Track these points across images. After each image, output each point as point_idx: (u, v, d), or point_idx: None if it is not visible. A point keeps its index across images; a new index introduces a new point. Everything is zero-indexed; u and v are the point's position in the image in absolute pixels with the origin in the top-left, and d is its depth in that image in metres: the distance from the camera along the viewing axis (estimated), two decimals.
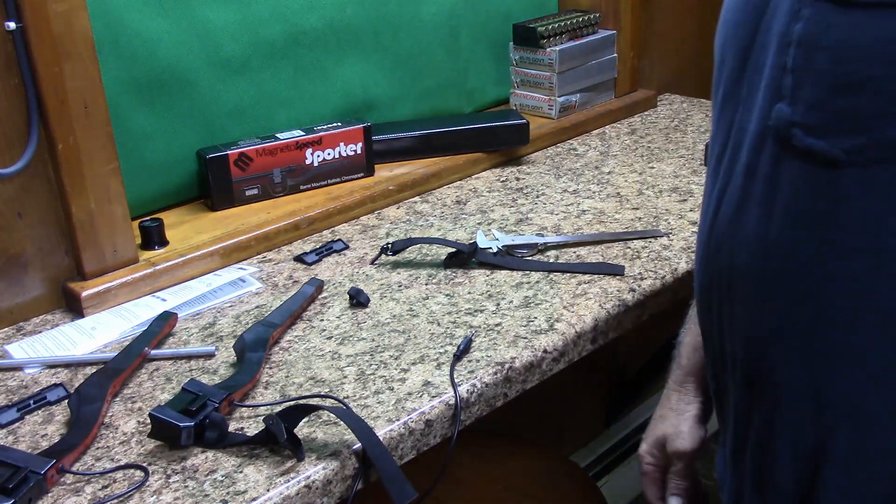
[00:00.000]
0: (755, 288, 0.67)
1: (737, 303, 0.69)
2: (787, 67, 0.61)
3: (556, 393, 1.78)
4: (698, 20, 1.85)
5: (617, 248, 1.12)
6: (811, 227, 0.62)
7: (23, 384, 0.91)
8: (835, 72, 0.58)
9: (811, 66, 0.59)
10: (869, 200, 0.59)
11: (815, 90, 0.59)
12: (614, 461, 1.96)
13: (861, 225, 0.60)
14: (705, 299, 0.74)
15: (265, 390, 0.87)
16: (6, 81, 0.95)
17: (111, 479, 0.76)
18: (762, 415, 0.70)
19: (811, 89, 0.60)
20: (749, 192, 0.66)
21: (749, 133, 0.66)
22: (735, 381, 0.72)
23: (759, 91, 0.64)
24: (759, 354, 0.68)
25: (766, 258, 0.65)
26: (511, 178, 1.37)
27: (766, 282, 0.66)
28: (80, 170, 1.00)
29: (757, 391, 0.70)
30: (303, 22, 1.28)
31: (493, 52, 1.56)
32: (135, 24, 1.12)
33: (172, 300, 1.04)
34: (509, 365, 0.89)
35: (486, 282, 1.05)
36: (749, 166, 0.66)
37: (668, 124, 1.59)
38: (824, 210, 0.61)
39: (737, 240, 0.67)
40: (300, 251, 1.16)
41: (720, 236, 0.69)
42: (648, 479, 0.93)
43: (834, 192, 0.60)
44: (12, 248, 1.00)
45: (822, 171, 0.60)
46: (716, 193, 0.70)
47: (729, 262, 0.69)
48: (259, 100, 1.27)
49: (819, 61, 0.59)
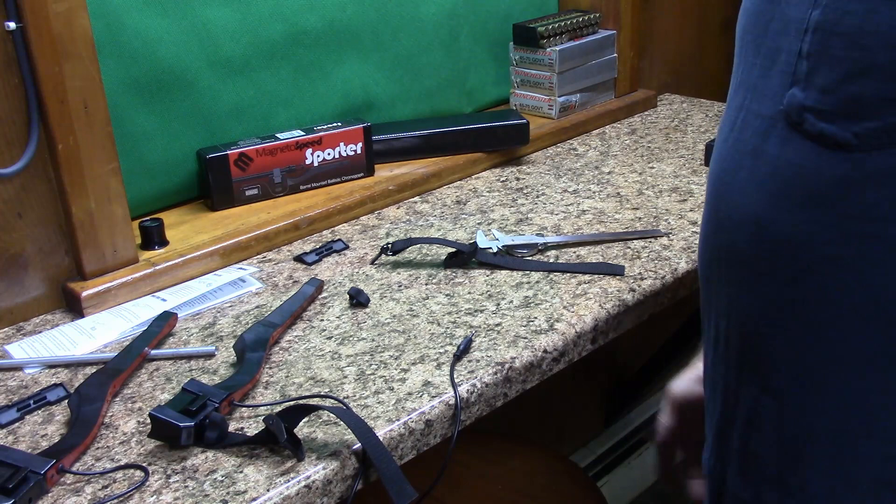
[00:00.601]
0: (752, 267, 0.68)
1: (733, 282, 0.70)
2: (802, 53, 0.62)
3: (556, 393, 1.78)
4: (698, 20, 1.85)
5: (617, 248, 1.12)
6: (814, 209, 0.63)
7: (23, 384, 0.91)
8: (849, 57, 0.59)
9: (826, 52, 0.60)
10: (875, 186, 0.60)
11: (829, 75, 0.60)
12: (614, 461, 1.96)
13: (865, 210, 0.60)
14: (705, 278, 0.75)
15: (265, 390, 0.87)
16: (6, 81, 0.95)
17: (111, 479, 0.76)
18: (751, 393, 0.70)
19: (825, 75, 0.61)
20: (753, 173, 0.67)
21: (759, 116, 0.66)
22: (727, 360, 0.73)
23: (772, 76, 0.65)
24: (751, 333, 0.69)
25: (765, 238, 0.66)
26: (511, 178, 1.37)
27: (762, 262, 0.67)
28: (80, 170, 1.00)
29: (747, 370, 0.70)
30: (303, 22, 1.28)
31: (493, 52, 1.56)
32: (135, 24, 1.12)
33: (172, 300, 1.04)
34: (509, 365, 0.89)
35: (486, 282, 1.05)
36: (756, 148, 0.66)
37: (668, 124, 1.59)
38: (829, 193, 0.62)
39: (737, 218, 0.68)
40: (300, 251, 1.16)
41: (722, 215, 0.70)
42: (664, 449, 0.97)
43: (841, 175, 0.61)
44: (12, 248, 1.00)
45: (831, 154, 0.61)
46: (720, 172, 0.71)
47: (729, 241, 0.69)
48: (259, 100, 1.27)
49: (834, 47, 0.60)
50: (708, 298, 0.76)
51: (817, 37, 0.61)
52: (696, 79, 1.89)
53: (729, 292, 0.71)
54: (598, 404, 1.94)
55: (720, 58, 1.92)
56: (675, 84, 1.83)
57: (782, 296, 0.66)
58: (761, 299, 0.68)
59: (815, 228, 0.63)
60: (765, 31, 0.67)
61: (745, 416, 0.72)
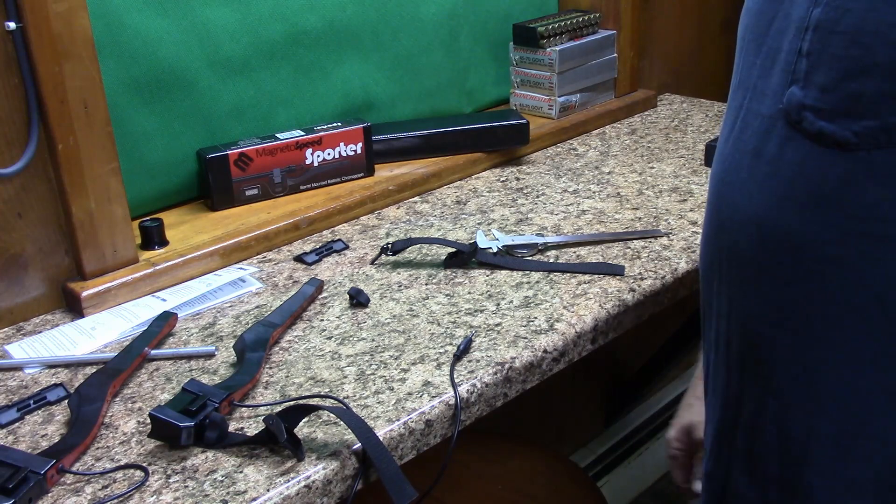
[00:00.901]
0: (753, 268, 0.68)
1: (735, 282, 0.70)
2: (802, 52, 0.62)
3: (556, 393, 1.78)
4: (698, 20, 1.85)
5: (617, 248, 1.12)
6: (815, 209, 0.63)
7: (23, 384, 0.91)
8: (848, 56, 0.59)
9: (826, 50, 0.60)
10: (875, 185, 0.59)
11: (828, 74, 0.60)
12: (614, 461, 1.96)
13: (866, 210, 0.60)
14: (706, 279, 0.75)
15: (265, 390, 0.87)
16: (6, 81, 0.95)
17: (111, 479, 0.76)
18: (754, 395, 0.70)
19: (825, 73, 0.61)
20: (754, 173, 0.66)
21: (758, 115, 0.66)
22: (729, 361, 0.73)
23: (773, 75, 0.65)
24: (753, 334, 0.69)
25: (766, 238, 0.66)
26: (511, 178, 1.37)
27: (764, 262, 0.67)
28: (80, 170, 1.00)
29: (749, 372, 0.70)
30: (303, 22, 1.28)
31: (493, 52, 1.56)
32: (135, 24, 1.12)
33: (172, 300, 1.04)
34: (509, 365, 0.89)
35: (486, 282, 1.05)
36: (756, 148, 0.66)
37: (668, 124, 1.59)
38: (830, 193, 0.61)
39: (739, 219, 0.68)
40: (300, 251, 1.16)
41: (724, 216, 0.70)
42: (676, 463, 0.98)
43: (841, 175, 0.61)
44: (12, 248, 1.00)
45: (830, 153, 0.61)
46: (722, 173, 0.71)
47: (730, 242, 0.69)
48: (259, 100, 1.27)
49: (834, 45, 0.60)
50: (708, 300, 0.76)
51: (817, 35, 0.61)
52: (696, 79, 1.89)
53: (730, 293, 0.71)
54: (598, 404, 1.94)
55: (720, 58, 1.92)
56: (675, 84, 1.83)
57: (784, 296, 0.66)
58: (763, 300, 0.68)
59: (816, 228, 0.63)
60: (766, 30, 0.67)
61: (747, 418, 0.72)
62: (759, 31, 0.68)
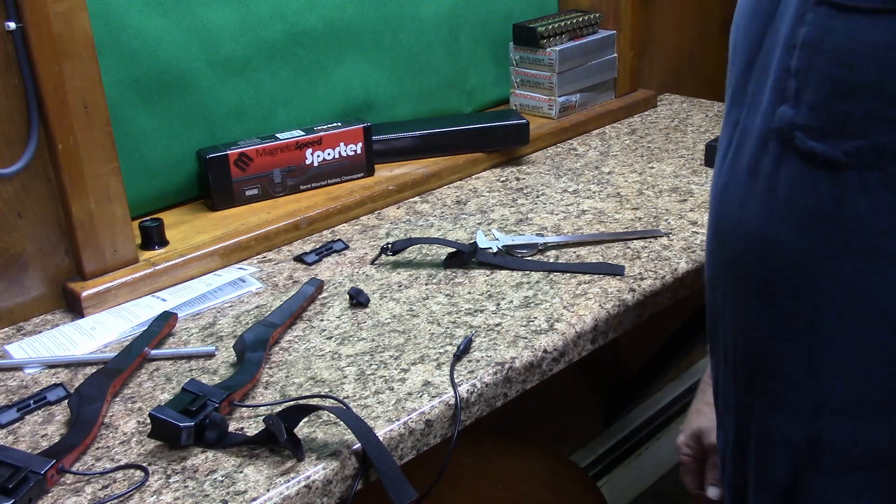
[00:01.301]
0: (756, 283, 0.68)
1: (739, 297, 0.70)
2: (791, 70, 0.62)
3: (556, 393, 1.78)
4: (698, 20, 1.85)
5: (617, 248, 1.12)
6: (811, 226, 0.63)
7: (23, 384, 0.91)
8: (834, 75, 0.59)
9: (813, 69, 0.60)
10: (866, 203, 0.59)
11: (816, 93, 0.60)
12: (614, 461, 1.96)
13: (859, 227, 0.60)
14: (711, 292, 0.75)
15: (265, 390, 0.87)
16: (6, 81, 0.95)
17: (111, 479, 0.76)
18: (762, 408, 0.70)
19: (813, 92, 0.60)
20: (751, 191, 0.67)
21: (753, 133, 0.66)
22: (737, 374, 0.73)
23: (765, 93, 0.65)
24: (759, 348, 0.69)
25: (767, 255, 0.66)
26: (511, 178, 1.37)
27: (766, 277, 0.67)
28: (80, 170, 1.00)
29: (757, 385, 0.70)
30: (303, 22, 1.28)
31: (493, 52, 1.56)
32: (135, 24, 1.12)
33: (172, 300, 1.04)
34: (509, 365, 0.89)
35: (486, 282, 1.05)
36: (751, 166, 0.66)
37: (668, 124, 1.59)
38: (824, 211, 0.61)
39: (739, 236, 0.68)
40: (300, 251, 1.16)
41: (724, 231, 0.70)
42: (687, 469, 0.99)
43: (833, 193, 0.61)
44: (12, 248, 1.00)
45: (822, 172, 0.61)
46: (720, 190, 0.71)
47: (732, 258, 0.70)
48: (259, 100, 1.27)
49: (820, 64, 0.59)
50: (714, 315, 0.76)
51: (804, 53, 0.61)
52: (696, 79, 1.89)
53: (735, 308, 0.71)
54: (598, 404, 1.94)
55: (720, 58, 1.92)
56: (675, 84, 1.83)
57: (787, 310, 0.66)
58: (767, 314, 0.68)
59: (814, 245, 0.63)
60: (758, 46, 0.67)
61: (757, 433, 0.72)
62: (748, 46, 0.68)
